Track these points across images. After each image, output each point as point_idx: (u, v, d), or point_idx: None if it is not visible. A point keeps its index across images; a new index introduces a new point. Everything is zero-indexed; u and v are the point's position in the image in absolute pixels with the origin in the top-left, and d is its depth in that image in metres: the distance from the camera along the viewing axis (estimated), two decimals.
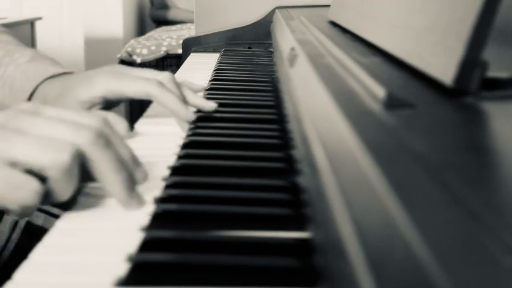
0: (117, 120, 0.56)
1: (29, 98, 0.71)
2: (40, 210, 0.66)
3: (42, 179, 0.40)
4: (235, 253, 0.37)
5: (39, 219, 0.65)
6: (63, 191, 0.41)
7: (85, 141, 0.41)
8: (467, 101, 0.38)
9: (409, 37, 0.50)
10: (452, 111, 0.37)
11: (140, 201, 0.44)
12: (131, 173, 0.44)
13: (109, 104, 0.67)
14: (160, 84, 0.64)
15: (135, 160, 0.45)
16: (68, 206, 0.44)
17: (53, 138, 0.41)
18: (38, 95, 0.70)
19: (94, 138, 0.42)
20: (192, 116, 0.65)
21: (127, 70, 0.67)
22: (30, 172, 0.40)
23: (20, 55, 0.74)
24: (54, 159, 0.40)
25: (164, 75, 0.66)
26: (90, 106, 0.66)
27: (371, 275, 0.23)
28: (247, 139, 0.59)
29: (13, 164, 0.40)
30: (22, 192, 0.39)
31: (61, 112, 0.44)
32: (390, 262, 0.22)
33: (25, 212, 0.40)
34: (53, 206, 0.66)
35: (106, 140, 0.42)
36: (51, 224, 0.44)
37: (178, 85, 0.67)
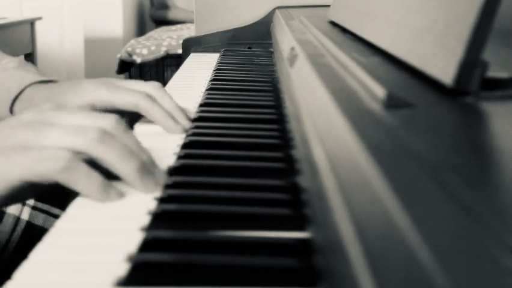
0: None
1: (14, 101, 0.69)
2: (40, 210, 0.66)
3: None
4: (235, 253, 0.37)
5: (39, 219, 0.65)
6: (114, 156, 0.45)
7: (106, 125, 0.46)
8: (467, 101, 0.38)
9: (409, 37, 0.50)
10: (452, 111, 0.37)
11: (158, 181, 0.47)
12: (144, 160, 0.47)
13: None
14: (149, 97, 0.63)
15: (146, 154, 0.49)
16: (67, 206, 0.44)
17: (79, 125, 0.46)
18: (24, 98, 0.69)
19: (113, 124, 0.47)
20: (181, 131, 0.63)
21: (117, 82, 0.67)
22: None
23: (8, 61, 0.74)
24: (88, 140, 0.44)
25: (153, 84, 0.65)
26: None
27: (370, 275, 0.23)
28: (247, 139, 0.59)
29: None
30: (48, 163, 0.42)
31: (79, 109, 0.49)
32: (390, 262, 0.22)
33: (66, 174, 0.43)
34: (53, 206, 0.66)
35: (124, 127, 0.47)
36: (51, 224, 0.44)
37: (166, 92, 0.66)
